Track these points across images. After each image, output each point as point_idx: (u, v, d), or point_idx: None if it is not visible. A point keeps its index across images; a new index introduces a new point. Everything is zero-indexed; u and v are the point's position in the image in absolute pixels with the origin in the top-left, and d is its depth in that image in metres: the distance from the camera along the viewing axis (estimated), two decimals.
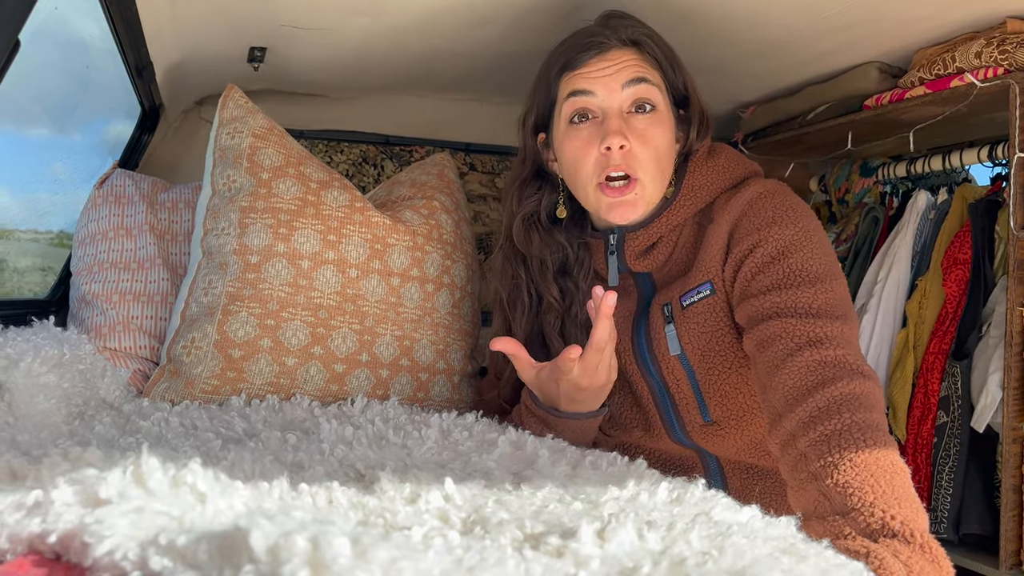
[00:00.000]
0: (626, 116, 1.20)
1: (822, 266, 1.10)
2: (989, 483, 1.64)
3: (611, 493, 0.77)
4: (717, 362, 1.20)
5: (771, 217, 1.15)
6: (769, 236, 1.13)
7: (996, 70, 1.44)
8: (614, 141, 1.17)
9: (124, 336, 1.39)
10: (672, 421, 1.27)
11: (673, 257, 1.26)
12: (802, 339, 1.03)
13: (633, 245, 1.27)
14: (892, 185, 2.16)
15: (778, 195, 1.19)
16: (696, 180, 1.25)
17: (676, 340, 1.20)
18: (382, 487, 0.75)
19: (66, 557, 0.56)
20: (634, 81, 1.19)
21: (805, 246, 1.12)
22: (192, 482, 0.62)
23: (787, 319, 1.06)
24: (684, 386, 1.23)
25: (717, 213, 1.22)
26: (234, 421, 1.10)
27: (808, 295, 1.07)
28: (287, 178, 1.36)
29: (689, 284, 1.21)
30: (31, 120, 1.55)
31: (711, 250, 1.19)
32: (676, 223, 1.25)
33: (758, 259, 1.13)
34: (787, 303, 1.07)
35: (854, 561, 0.64)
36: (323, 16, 1.46)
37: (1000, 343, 1.57)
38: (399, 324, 1.38)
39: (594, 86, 1.21)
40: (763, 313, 1.09)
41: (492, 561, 0.52)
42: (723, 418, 1.23)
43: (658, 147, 1.20)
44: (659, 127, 1.21)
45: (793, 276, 1.09)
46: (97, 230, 1.47)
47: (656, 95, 1.21)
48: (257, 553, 0.47)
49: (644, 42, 1.22)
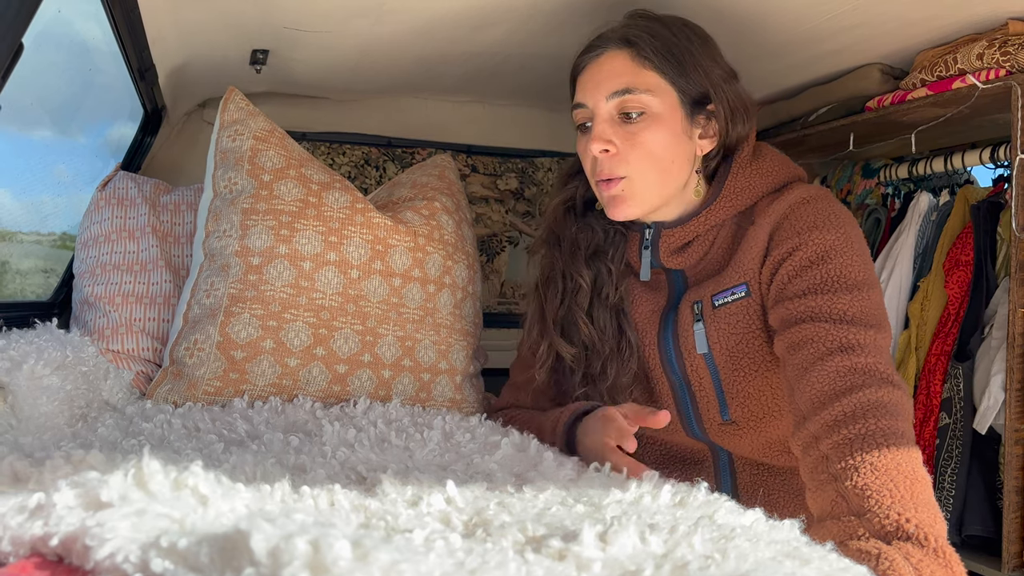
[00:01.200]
0: (615, 121, 1.21)
1: (860, 273, 1.11)
2: (991, 485, 1.64)
3: (614, 496, 0.77)
4: (743, 364, 1.20)
5: (812, 222, 1.15)
6: (809, 240, 1.13)
7: (998, 72, 1.43)
8: (595, 147, 1.21)
9: (127, 338, 1.39)
10: (690, 418, 1.27)
11: (708, 256, 1.26)
12: (834, 344, 1.04)
13: (668, 241, 1.27)
14: (894, 187, 2.16)
15: (821, 201, 1.19)
16: (739, 182, 1.25)
17: (704, 338, 1.21)
18: (384, 490, 0.75)
19: (68, 560, 0.56)
20: (618, 93, 1.20)
21: (845, 252, 1.12)
22: (194, 485, 0.62)
23: (821, 323, 1.06)
24: (707, 384, 1.23)
25: (758, 216, 1.22)
26: (236, 423, 1.10)
27: (844, 301, 1.07)
28: (288, 180, 1.36)
29: (723, 284, 1.21)
30: (34, 123, 1.55)
31: (750, 252, 1.19)
32: (714, 223, 1.25)
33: (796, 262, 1.13)
34: (822, 308, 1.08)
35: (858, 565, 0.63)
36: (325, 19, 1.46)
37: (1002, 345, 1.56)
38: (401, 325, 1.38)
39: (584, 97, 1.24)
40: (797, 316, 1.09)
41: (494, 564, 0.52)
42: (742, 418, 1.23)
43: (651, 149, 1.20)
44: (651, 130, 1.20)
45: (831, 281, 1.10)
46: (100, 232, 1.48)
47: (645, 100, 1.19)
48: (258, 556, 0.47)
49: (638, 42, 1.20)
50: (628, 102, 1.20)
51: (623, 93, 1.20)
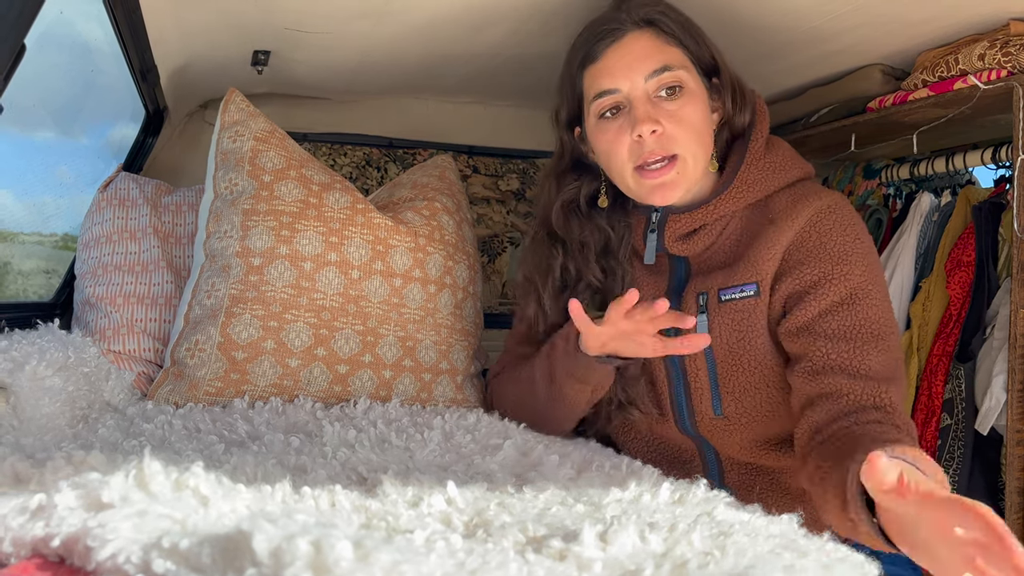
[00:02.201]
0: (655, 100, 1.19)
1: (884, 315, 1.15)
2: (993, 486, 1.64)
3: (613, 495, 0.77)
4: (742, 360, 1.21)
5: (841, 250, 1.17)
6: (837, 274, 1.15)
7: (999, 72, 1.43)
8: (644, 128, 1.17)
9: (128, 339, 1.39)
10: (682, 409, 1.27)
11: (715, 246, 1.26)
12: (855, 404, 1.09)
13: (675, 228, 1.26)
14: (896, 187, 2.16)
15: (842, 212, 1.21)
16: (751, 175, 1.24)
17: (706, 330, 1.21)
18: (384, 490, 0.75)
19: (69, 561, 0.56)
20: (657, 72, 1.19)
21: (872, 292, 1.16)
22: (195, 485, 0.62)
23: (846, 379, 1.10)
24: (702, 377, 1.24)
25: (778, 216, 1.22)
26: (237, 424, 1.10)
27: (871, 355, 1.11)
28: (289, 180, 1.37)
29: (732, 280, 1.21)
30: (37, 124, 1.55)
31: (765, 253, 1.20)
32: (723, 214, 1.25)
33: (826, 299, 1.15)
34: (851, 361, 1.11)
35: (855, 553, 0.64)
36: (327, 20, 1.46)
37: (1004, 345, 1.56)
38: (402, 325, 1.38)
39: (616, 82, 1.20)
40: (824, 364, 1.13)
41: (494, 564, 0.52)
42: (734, 414, 1.23)
43: (694, 124, 1.20)
44: (691, 105, 1.20)
45: (858, 329, 1.13)
46: (101, 233, 1.48)
47: (682, 76, 1.20)
48: (260, 556, 0.47)
49: (659, 20, 1.20)
50: (667, 79, 1.19)
51: (662, 71, 1.19)
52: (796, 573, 0.57)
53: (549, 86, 1.39)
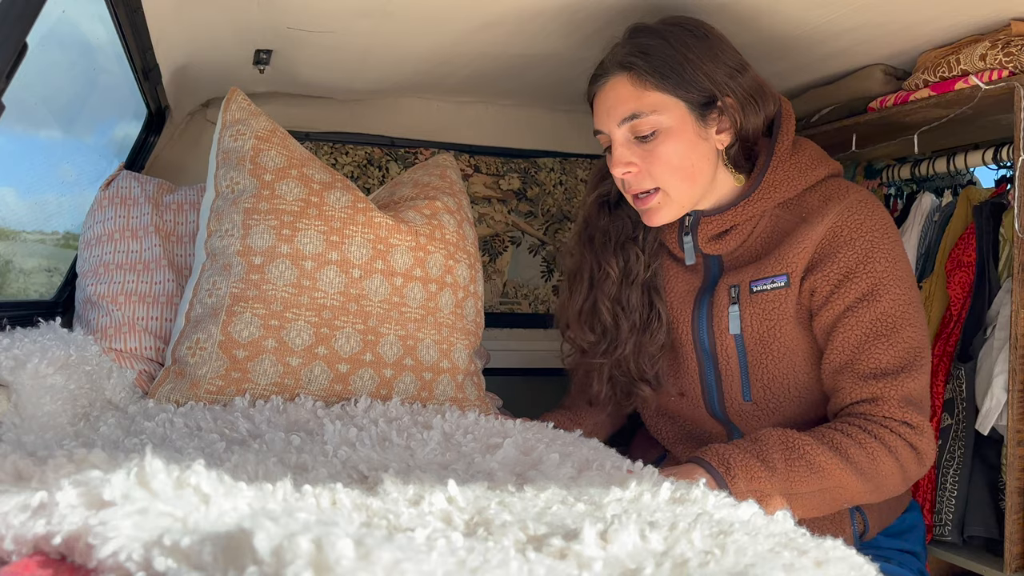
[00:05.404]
0: (633, 141, 1.27)
1: (901, 308, 1.23)
2: (994, 486, 1.64)
3: (614, 494, 0.77)
4: (772, 348, 1.28)
5: (867, 245, 1.24)
6: (861, 271, 1.23)
7: (1001, 72, 1.43)
8: (617, 171, 1.30)
9: (130, 337, 1.40)
10: (712, 394, 1.35)
11: (747, 244, 1.33)
12: (849, 400, 1.24)
13: (706, 229, 1.33)
14: (896, 187, 2.16)
15: (869, 207, 1.27)
16: (778, 175, 1.29)
17: (737, 320, 1.28)
18: (385, 489, 0.76)
19: (71, 558, 0.56)
20: (627, 119, 1.27)
21: (892, 286, 1.23)
22: (196, 483, 0.62)
23: (851, 378, 1.23)
24: (733, 364, 1.31)
25: (810, 214, 1.28)
26: (238, 422, 1.10)
27: (880, 352, 1.21)
28: (290, 179, 1.37)
29: (764, 271, 1.27)
30: (39, 122, 1.55)
31: (797, 247, 1.25)
32: (752, 214, 1.31)
33: (848, 296, 1.23)
34: (857, 360, 1.22)
35: (854, 553, 0.65)
36: (328, 19, 1.46)
37: (1005, 345, 1.56)
38: (402, 324, 1.38)
39: (601, 124, 1.31)
40: (836, 361, 1.25)
41: (495, 563, 0.52)
42: (763, 400, 1.30)
43: (670, 161, 1.26)
44: (667, 144, 1.25)
45: (872, 326, 1.22)
46: (103, 231, 1.48)
47: (653, 120, 1.25)
48: (261, 554, 0.47)
49: (635, 65, 1.25)
50: (638, 126, 1.26)
51: (631, 119, 1.26)
52: (796, 572, 0.57)
53: (551, 86, 1.41)
